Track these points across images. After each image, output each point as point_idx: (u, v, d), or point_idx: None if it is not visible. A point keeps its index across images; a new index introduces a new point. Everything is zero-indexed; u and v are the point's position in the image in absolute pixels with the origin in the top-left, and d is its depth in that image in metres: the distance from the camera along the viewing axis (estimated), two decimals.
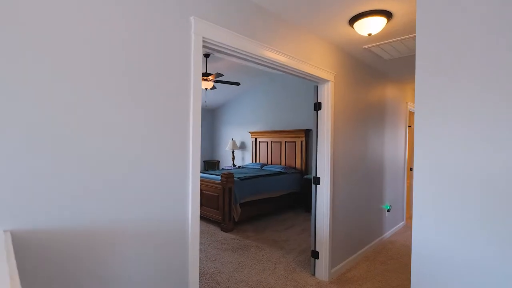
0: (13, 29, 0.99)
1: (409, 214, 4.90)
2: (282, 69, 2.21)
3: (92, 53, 1.17)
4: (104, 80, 1.21)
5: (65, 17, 1.10)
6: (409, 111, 4.70)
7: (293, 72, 2.30)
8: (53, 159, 1.08)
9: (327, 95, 2.65)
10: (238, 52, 1.80)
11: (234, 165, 6.93)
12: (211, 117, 8.24)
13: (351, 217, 3.03)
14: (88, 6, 1.16)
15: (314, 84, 2.84)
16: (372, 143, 3.43)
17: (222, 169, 6.42)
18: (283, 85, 6.16)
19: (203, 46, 1.63)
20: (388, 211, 3.83)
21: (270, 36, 2.02)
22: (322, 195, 2.67)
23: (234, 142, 6.97)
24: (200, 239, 3.69)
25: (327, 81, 2.62)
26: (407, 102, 4.44)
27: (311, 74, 2.40)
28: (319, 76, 2.49)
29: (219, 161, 7.93)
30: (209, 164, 7.84)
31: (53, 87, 1.08)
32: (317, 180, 2.71)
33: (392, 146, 3.96)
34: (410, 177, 4.93)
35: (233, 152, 7.07)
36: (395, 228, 4.10)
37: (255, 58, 1.93)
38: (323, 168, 2.67)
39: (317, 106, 2.71)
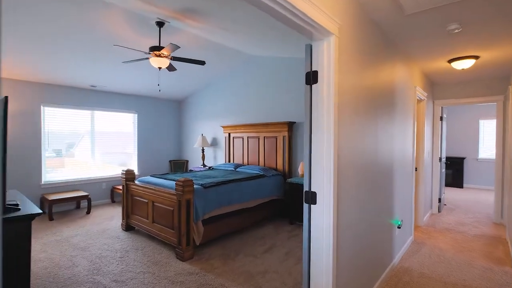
0: None
1: (417, 224, 4.04)
2: None
3: None
4: None
5: None
6: (418, 98, 3.80)
7: (276, 6, 1.24)
8: None
9: (328, 59, 1.61)
10: None
11: (204, 165, 5.80)
12: (177, 110, 7.02)
13: (360, 246, 2.05)
14: None
15: (307, 43, 1.80)
16: (382, 138, 2.46)
17: (190, 170, 5.28)
18: (261, 68, 5.09)
19: None
20: (398, 227, 2.90)
21: None
22: (321, 222, 1.64)
23: (204, 138, 5.83)
24: (143, 276, 2.56)
25: (329, 34, 1.58)
26: (415, 87, 3.53)
27: (305, 15, 1.35)
28: (318, 22, 1.44)
29: (187, 161, 6.75)
30: (176, 165, 6.65)
31: None
32: (311, 197, 1.68)
33: (401, 143, 3.03)
34: (417, 179, 4.06)
35: (203, 150, 5.93)
36: (404, 247, 3.19)
37: None
38: (321, 177, 1.64)
39: (312, 77, 1.67)
